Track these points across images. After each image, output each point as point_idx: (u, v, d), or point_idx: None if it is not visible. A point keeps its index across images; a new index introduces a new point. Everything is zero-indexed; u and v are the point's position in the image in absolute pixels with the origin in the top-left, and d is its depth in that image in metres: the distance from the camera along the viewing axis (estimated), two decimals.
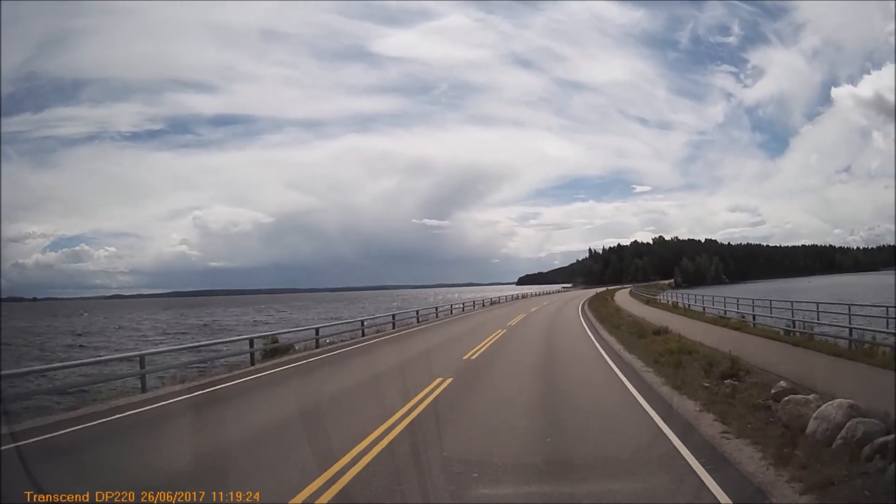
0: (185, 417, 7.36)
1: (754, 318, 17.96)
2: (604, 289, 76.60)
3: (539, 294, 67.94)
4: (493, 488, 4.45)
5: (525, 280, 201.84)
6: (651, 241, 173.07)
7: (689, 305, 26.97)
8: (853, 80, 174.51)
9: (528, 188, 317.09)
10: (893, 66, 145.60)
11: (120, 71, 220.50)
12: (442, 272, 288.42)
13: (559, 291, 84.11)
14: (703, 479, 4.55)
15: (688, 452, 5.21)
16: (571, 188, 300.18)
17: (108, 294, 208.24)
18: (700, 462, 4.93)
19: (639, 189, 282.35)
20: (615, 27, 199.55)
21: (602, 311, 26.02)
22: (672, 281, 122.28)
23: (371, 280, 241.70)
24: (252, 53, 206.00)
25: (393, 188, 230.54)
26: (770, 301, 19.83)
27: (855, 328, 11.89)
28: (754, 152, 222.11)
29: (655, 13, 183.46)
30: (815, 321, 15.36)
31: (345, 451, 5.25)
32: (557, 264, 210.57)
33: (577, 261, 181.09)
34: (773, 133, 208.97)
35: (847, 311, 13.89)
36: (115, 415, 7.36)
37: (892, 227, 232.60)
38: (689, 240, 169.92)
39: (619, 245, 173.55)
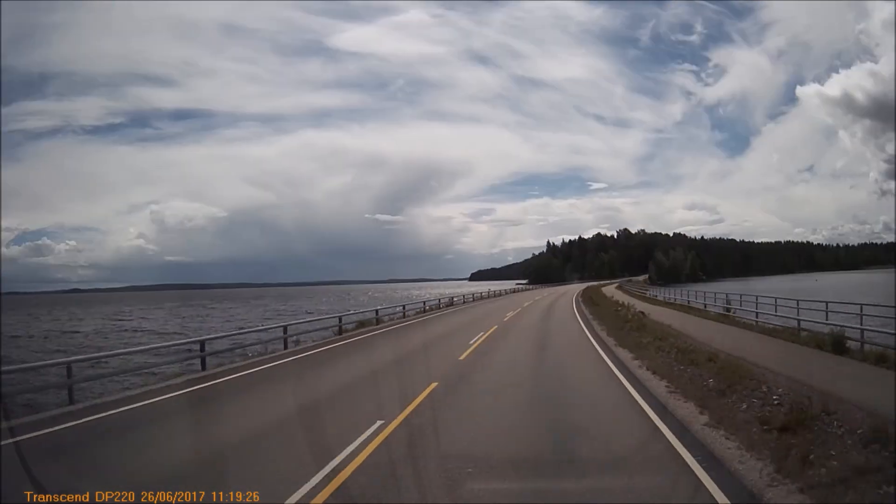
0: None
1: None
2: (584, 286, 55.36)
3: (487, 296, 45.51)
4: None
5: (478, 276, 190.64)
6: (615, 235, 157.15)
7: None
8: (820, 80, 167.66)
9: (482, 184, 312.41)
10: (864, 65, 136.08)
11: (84, 65, 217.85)
12: (394, 268, 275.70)
13: (516, 291, 62.29)
14: None
15: None
16: (526, 184, 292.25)
17: (68, 288, 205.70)
18: None
19: (594, 186, 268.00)
20: (575, 24, 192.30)
21: None
22: (646, 277, 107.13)
23: (324, 275, 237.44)
24: (212, 48, 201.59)
25: (347, 183, 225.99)
26: None
27: None
28: (714, 151, 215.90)
29: (616, 10, 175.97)
30: None
31: None
32: (511, 260, 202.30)
33: (534, 255, 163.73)
34: (733, 132, 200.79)
35: None
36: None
37: (857, 226, 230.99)
38: (656, 233, 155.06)
39: (580, 238, 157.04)
